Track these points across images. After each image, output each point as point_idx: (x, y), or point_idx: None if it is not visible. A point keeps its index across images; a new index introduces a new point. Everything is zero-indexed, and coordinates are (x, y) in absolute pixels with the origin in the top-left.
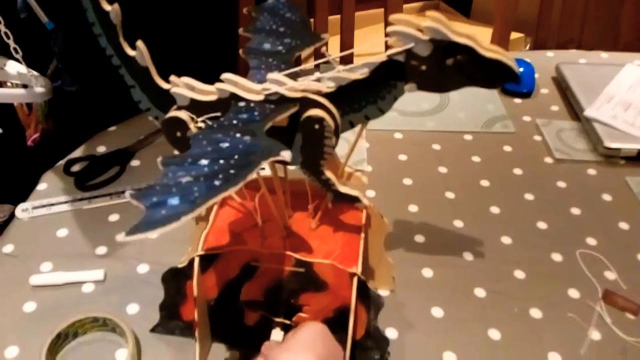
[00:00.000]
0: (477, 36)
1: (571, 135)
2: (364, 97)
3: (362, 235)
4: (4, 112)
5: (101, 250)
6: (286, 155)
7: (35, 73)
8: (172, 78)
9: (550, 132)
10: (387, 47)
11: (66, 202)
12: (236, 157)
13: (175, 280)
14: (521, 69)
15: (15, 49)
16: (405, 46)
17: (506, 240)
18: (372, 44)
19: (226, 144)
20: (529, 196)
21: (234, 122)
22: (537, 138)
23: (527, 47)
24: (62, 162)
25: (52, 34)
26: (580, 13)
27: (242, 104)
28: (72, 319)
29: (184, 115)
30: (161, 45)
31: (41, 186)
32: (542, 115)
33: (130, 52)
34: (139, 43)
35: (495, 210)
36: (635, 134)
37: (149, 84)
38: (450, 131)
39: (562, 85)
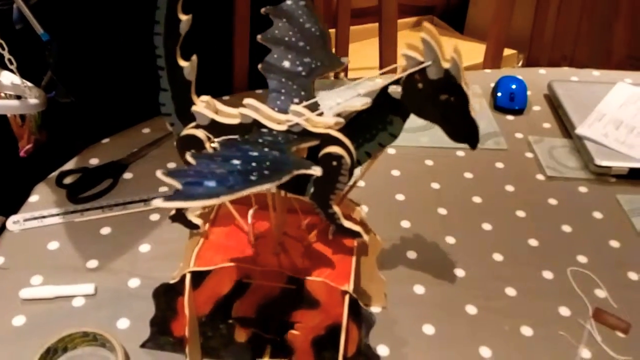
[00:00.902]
0: (471, 95)
1: (563, 152)
2: (373, 126)
3: (355, 252)
4: None
5: (92, 263)
6: (317, 170)
7: (29, 84)
8: (202, 99)
9: (542, 149)
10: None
11: (58, 215)
12: (267, 163)
13: (166, 295)
14: (514, 86)
15: (9, 59)
16: (424, 63)
17: (497, 257)
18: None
19: (255, 153)
20: (520, 213)
21: (260, 140)
22: (529, 155)
23: (520, 63)
24: (54, 174)
25: (47, 46)
26: (574, 31)
27: (265, 130)
28: (62, 334)
29: (200, 134)
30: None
31: (33, 198)
32: (534, 133)
33: (182, 63)
34: (195, 58)
35: (487, 226)
36: (626, 153)
37: (183, 96)
38: (443, 147)
39: (554, 103)
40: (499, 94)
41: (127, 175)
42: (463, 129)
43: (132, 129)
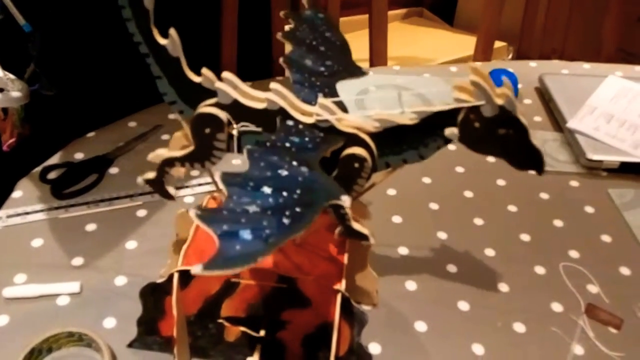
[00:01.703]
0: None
1: (554, 146)
2: (406, 142)
3: (347, 250)
4: None
5: (77, 261)
6: (346, 201)
7: (11, 76)
8: (205, 72)
9: None
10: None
11: (42, 211)
12: (298, 191)
13: (153, 295)
14: (504, 77)
15: None
16: (477, 102)
17: (490, 252)
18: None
19: (285, 172)
20: (512, 208)
21: (287, 144)
22: None
23: (510, 56)
24: (38, 169)
25: (29, 37)
26: (564, 23)
27: (290, 122)
28: (46, 334)
29: (222, 115)
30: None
31: (16, 194)
32: None
33: (162, 41)
34: (172, 31)
35: (478, 221)
36: (617, 146)
37: (177, 76)
38: None
39: (545, 96)
40: None
41: (113, 170)
42: (526, 158)
43: (118, 122)
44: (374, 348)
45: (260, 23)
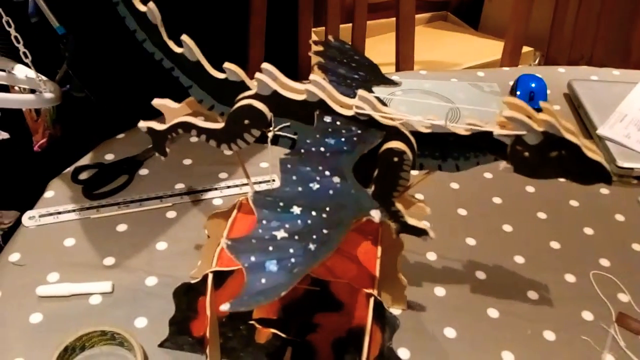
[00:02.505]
0: (579, 133)
1: None
2: (448, 150)
3: (379, 254)
4: (12, 117)
5: (109, 261)
6: (376, 215)
7: (44, 78)
8: (227, 65)
9: None
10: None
11: (73, 211)
12: (328, 209)
13: (187, 295)
14: (533, 85)
15: (25, 53)
16: (517, 131)
17: (519, 259)
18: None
19: (316, 185)
20: (541, 215)
21: (322, 149)
22: None
23: (537, 61)
24: (69, 169)
25: (62, 39)
26: (593, 29)
27: (328, 119)
28: (79, 332)
29: (265, 109)
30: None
31: (48, 194)
32: None
33: (178, 50)
34: (185, 37)
35: (507, 228)
36: None
37: (204, 78)
38: None
39: (574, 103)
40: (518, 93)
41: (143, 172)
42: (589, 172)
43: None
44: (402, 353)
45: (287, 25)
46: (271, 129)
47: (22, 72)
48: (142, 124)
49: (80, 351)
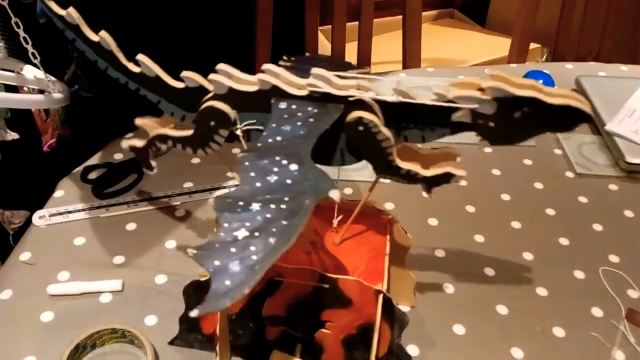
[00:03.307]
0: (539, 85)
1: (592, 149)
2: (413, 120)
3: (388, 251)
4: (21, 118)
5: (119, 259)
6: (335, 196)
7: (52, 78)
8: (184, 73)
9: (571, 146)
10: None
11: (83, 210)
12: (286, 199)
13: (197, 293)
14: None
15: (33, 54)
16: (470, 105)
17: (528, 256)
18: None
19: (274, 177)
20: (550, 211)
21: (278, 138)
22: (558, 152)
23: (544, 57)
24: (79, 169)
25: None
26: (600, 25)
27: (283, 105)
28: (90, 330)
29: (226, 108)
30: (176, 56)
31: (58, 193)
32: None
33: (137, 69)
34: (139, 56)
35: (516, 225)
36: None
37: (168, 91)
38: (470, 143)
39: None
40: None
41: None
42: (563, 117)
43: None
44: (411, 350)
45: (294, 25)
46: (238, 126)
47: (31, 72)
48: (124, 143)
49: (91, 349)
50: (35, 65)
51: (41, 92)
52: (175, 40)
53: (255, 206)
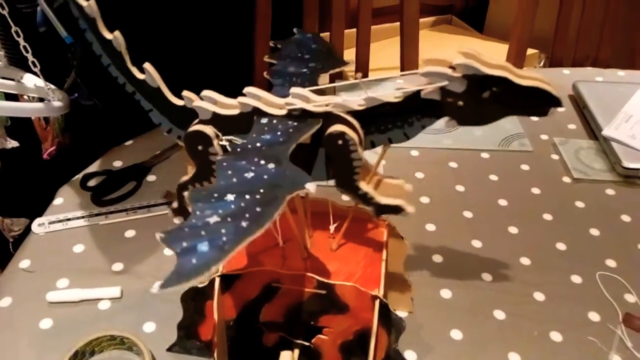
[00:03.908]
0: (510, 66)
1: (589, 154)
2: (391, 120)
3: (384, 256)
4: (21, 126)
5: (117, 266)
6: (311, 187)
7: (52, 87)
8: (185, 93)
9: (568, 151)
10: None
11: (82, 217)
12: (262, 190)
13: (194, 299)
14: None
15: (33, 62)
16: (438, 84)
17: (525, 261)
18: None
19: (251, 174)
20: (547, 216)
21: (258, 144)
22: (555, 157)
23: (542, 63)
24: (78, 176)
25: (70, 48)
26: (597, 30)
27: (264, 120)
28: (89, 337)
29: (208, 130)
30: (175, 61)
31: (57, 201)
32: (560, 134)
33: (140, 76)
34: (147, 65)
35: (513, 230)
36: None
37: (165, 104)
38: (467, 149)
39: (579, 104)
40: None
41: (151, 178)
42: (533, 101)
43: (155, 131)
44: (409, 355)
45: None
46: (222, 138)
47: (31, 81)
48: (169, 212)
49: (90, 356)
50: (35, 73)
51: (41, 100)
52: (175, 46)
53: (230, 197)
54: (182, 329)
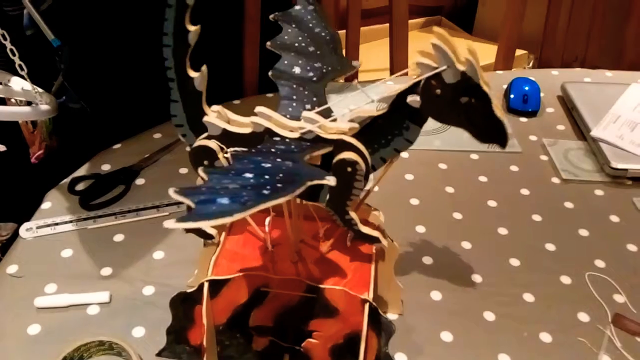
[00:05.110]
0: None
1: (578, 155)
2: (389, 131)
3: (373, 260)
4: (9, 130)
5: (106, 271)
6: (331, 180)
7: (40, 90)
8: (214, 108)
9: (556, 152)
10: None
11: (71, 222)
12: (281, 175)
13: (183, 304)
14: (527, 88)
15: (20, 65)
16: (439, 68)
17: (515, 262)
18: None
19: (268, 164)
20: (536, 217)
21: (272, 149)
22: (544, 158)
23: (530, 64)
24: (66, 180)
25: (57, 51)
26: (585, 31)
27: (277, 138)
28: (77, 343)
29: (213, 144)
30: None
31: (45, 205)
32: (549, 135)
33: (192, 74)
34: (204, 68)
35: (503, 231)
36: None
37: (194, 106)
38: (457, 150)
39: (568, 105)
40: (512, 96)
41: (140, 181)
42: (489, 130)
43: (143, 134)
44: (399, 358)
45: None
46: (227, 150)
47: (18, 84)
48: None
49: None
50: (22, 77)
51: (28, 103)
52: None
53: (248, 175)
54: (172, 334)
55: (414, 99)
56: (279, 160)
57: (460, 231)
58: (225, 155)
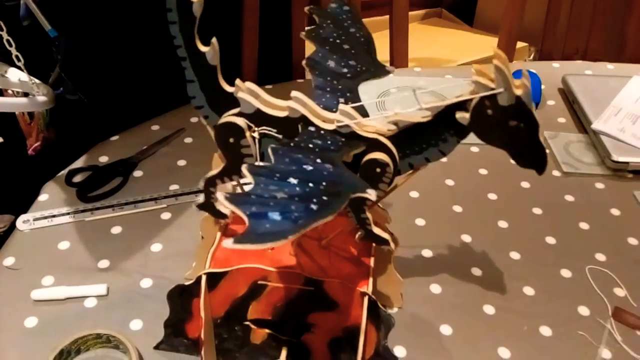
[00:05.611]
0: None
1: (579, 148)
2: (425, 140)
3: (373, 253)
4: (5, 121)
5: (104, 263)
6: (372, 194)
7: (37, 81)
8: (238, 82)
9: (557, 144)
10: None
11: (68, 214)
12: (324, 183)
13: (181, 297)
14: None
15: (17, 56)
16: (496, 90)
17: (515, 255)
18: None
19: (310, 167)
20: (537, 210)
21: (310, 145)
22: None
23: (531, 56)
24: (63, 172)
25: (54, 42)
26: (587, 23)
27: (312, 128)
28: (75, 336)
29: (242, 122)
30: (163, 54)
31: (42, 197)
32: (549, 128)
33: (203, 48)
34: (214, 40)
35: (503, 224)
36: None
37: (210, 83)
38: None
39: (568, 97)
40: None
41: (137, 173)
42: (531, 155)
43: (141, 126)
44: (398, 351)
45: (281, 25)
46: (256, 129)
47: (15, 75)
48: (194, 206)
49: (76, 354)
50: (19, 67)
51: (25, 95)
52: (162, 38)
53: (293, 180)
54: (169, 327)
55: (463, 116)
56: (318, 160)
57: (460, 224)
58: (253, 134)
